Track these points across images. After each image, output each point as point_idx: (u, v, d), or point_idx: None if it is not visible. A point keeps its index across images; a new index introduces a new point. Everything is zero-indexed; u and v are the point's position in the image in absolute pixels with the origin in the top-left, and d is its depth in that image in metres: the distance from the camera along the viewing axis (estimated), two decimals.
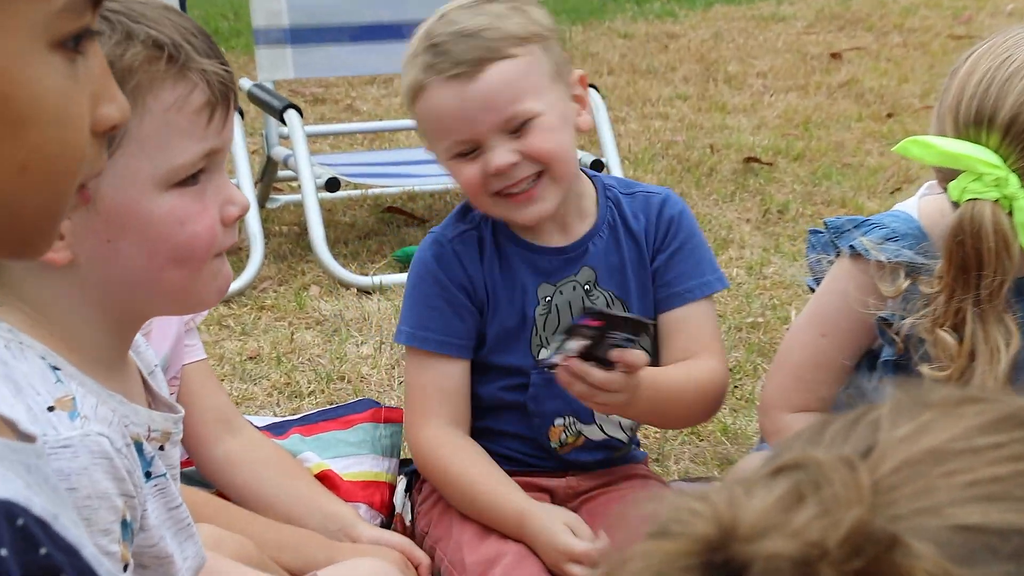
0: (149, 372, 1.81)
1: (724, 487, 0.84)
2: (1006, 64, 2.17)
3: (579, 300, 2.57)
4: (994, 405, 0.87)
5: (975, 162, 2.16)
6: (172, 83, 1.69)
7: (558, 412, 2.61)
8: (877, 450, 0.84)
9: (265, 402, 3.56)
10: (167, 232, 1.68)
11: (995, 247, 2.17)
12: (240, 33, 8.35)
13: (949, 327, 2.24)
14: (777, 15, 8.84)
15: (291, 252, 4.66)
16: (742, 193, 5.19)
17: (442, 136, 2.48)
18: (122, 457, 1.61)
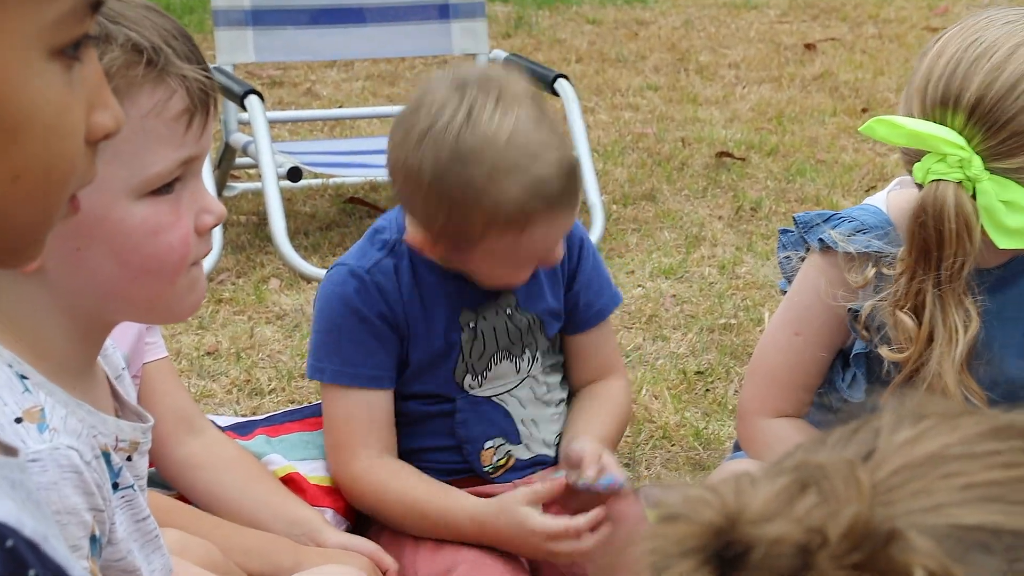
0: (116, 376, 1.77)
1: (731, 479, 0.90)
2: (974, 46, 2.18)
3: (503, 324, 2.56)
4: (991, 417, 0.93)
5: (939, 142, 2.17)
6: (151, 88, 1.64)
7: (487, 435, 2.59)
8: (878, 454, 0.90)
9: (224, 400, 3.47)
10: (139, 242, 1.64)
11: (956, 228, 2.18)
12: (193, 9, 8.21)
13: (909, 309, 2.25)
14: (750, 3, 8.77)
15: (249, 243, 4.55)
16: (714, 189, 5.10)
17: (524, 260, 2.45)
18: (91, 470, 1.58)
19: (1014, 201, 2.20)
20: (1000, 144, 2.18)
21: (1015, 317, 2.41)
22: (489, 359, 2.55)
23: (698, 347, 3.76)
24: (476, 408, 2.56)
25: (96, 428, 1.63)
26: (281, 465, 2.66)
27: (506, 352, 2.56)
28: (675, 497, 0.90)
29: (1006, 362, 2.42)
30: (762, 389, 2.50)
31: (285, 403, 3.42)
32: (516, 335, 2.56)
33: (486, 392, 2.57)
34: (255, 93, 4.48)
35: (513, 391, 2.59)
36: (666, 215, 4.81)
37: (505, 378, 2.57)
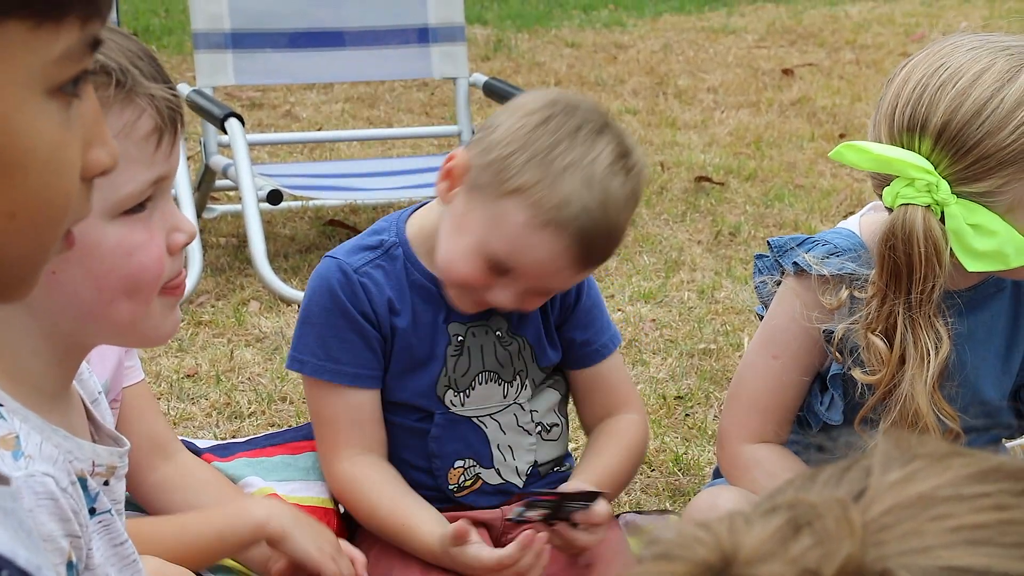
0: (92, 400, 1.76)
1: (725, 518, 0.89)
2: (939, 72, 2.21)
3: (491, 344, 2.54)
4: (979, 459, 0.92)
5: (907, 167, 2.20)
6: (119, 109, 1.64)
7: (458, 454, 2.57)
8: (868, 493, 0.89)
9: (204, 423, 3.46)
10: (115, 263, 1.63)
11: (925, 252, 2.21)
12: (172, 31, 8.22)
13: (881, 332, 2.27)
14: (728, 27, 8.81)
15: (229, 265, 4.54)
16: (693, 213, 5.11)
17: (509, 254, 2.38)
18: (67, 497, 1.57)
19: (982, 224, 2.22)
20: (967, 169, 2.20)
21: (986, 339, 2.44)
22: (473, 378, 2.54)
23: (678, 372, 3.76)
24: (453, 426, 2.54)
25: (72, 453, 1.62)
26: (259, 487, 2.66)
27: (493, 374, 2.55)
28: (668, 534, 0.90)
29: (980, 384, 2.44)
30: (741, 414, 2.50)
31: (265, 426, 3.41)
32: (505, 358, 2.55)
33: (467, 411, 2.56)
34: (235, 116, 4.47)
35: (495, 415, 2.57)
36: (645, 239, 4.82)
37: (490, 400, 2.56)
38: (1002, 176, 2.20)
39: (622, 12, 9.51)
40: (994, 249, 2.23)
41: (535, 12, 9.39)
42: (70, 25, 0.98)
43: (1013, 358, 2.47)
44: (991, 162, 2.19)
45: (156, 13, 8.88)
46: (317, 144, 5.92)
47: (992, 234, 2.23)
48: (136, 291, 1.65)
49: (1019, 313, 2.46)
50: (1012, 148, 2.18)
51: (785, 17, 9.24)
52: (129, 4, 8.73)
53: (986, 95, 2.19)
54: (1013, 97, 2.18)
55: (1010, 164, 2.19)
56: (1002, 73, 2.20)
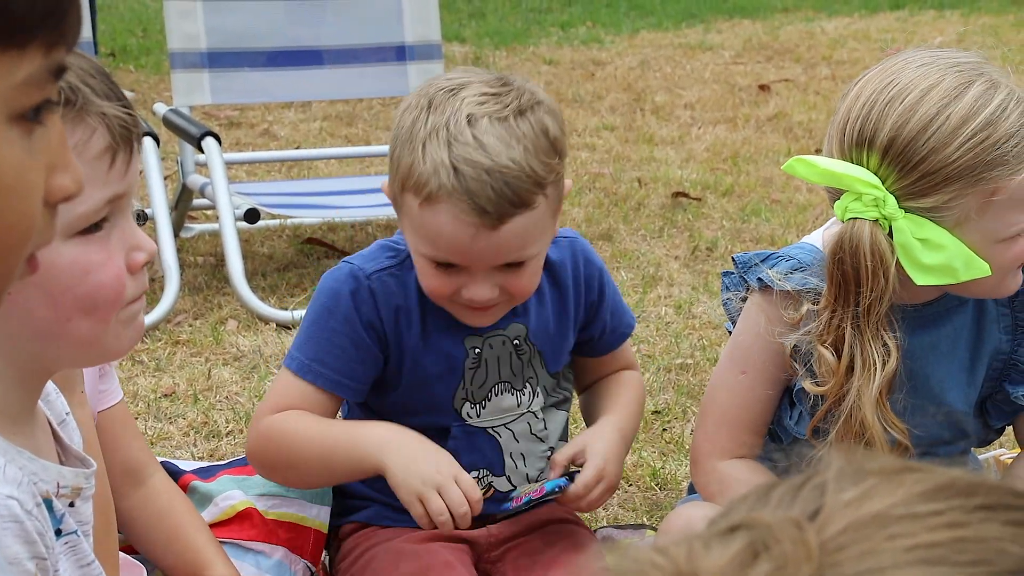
0: (60, 422, 1.75)
1: (683, 542, 0.89)
2: (889, 88, 2.25)
3: (508, 354, 2.53)
4: (931, 474, 0.92)
5: (854, 182, 2.23)
6: (70, 128, 1.63)
7: (474, 465, 2.55)
8: (824, 513, 0.89)
9: (181, 442, 3.45)
10: (70, 283, 1.62)
11: (872, 265, 2.24)
12: (150, 51, 8.21)
13: (830, 343, 2.30)
14: (704, 44, 8.84)
15: (207, 284, 4.54)
16: (670, 229, 5.12)
17: (428, 247, 2.35)
18: (32, 519, 1.56)
19: (930, 239, 2.25)
20: (913, 184, 2.23)
21: (949, 352, 2.46)
22: (490, 389, 2.53)
23: (655, 387, 3.77)
24: (470, 438, 2.53)
25: (37, 475, 1.61)
26: (240, 500, 2.66)
27: (507, 384, 2.54)
28: (626, 560, 0.89)
29: (947, 396, 2.47)
30: (713, 430, 2.51)
31: (243, 445, 3.40)
32: (519, 367, 2.54)
33: (483, 423, 2.55)
34: (212, 135, 4.48)
35: (509, 424, 2.57)
36: (623, 255, 4.83)
37: (505, 411, 2.55)
38: (948, 192, 2.23)
39: (600, 29, 9.53)
40: (942, 263, 2.26)
41: (513, 29, 9.41)
42: (33, 52, 0.98)
43: (978, 370, 2.49)
44: (937, 178, 2.22)
45: (133, 33, 8.87)
46: (295, 163, 5.91)
47: (940, 248, 2.25)
48: (93, 310, 1.64)
49: (982, 325, 2.48)
50: (958, 164, 2.21)
51: (761, 33, 9.27)
52: (106, 24, 8.72)
53: (933, 111, 2.22)
54: (959, 114, 2.22)
55: (956, 180, 2.22)
56: (949, 90, 2.23)
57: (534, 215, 2.32)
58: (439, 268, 2.36)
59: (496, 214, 2.27)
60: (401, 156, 2.32)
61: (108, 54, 8.17)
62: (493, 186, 2.26)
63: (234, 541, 2.61)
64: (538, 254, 2.39)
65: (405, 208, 2.35)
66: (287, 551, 2.62)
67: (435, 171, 2.26)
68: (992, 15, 9.84)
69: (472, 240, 2.30)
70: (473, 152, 2.26)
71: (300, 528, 2.66)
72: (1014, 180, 2.23)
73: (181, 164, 4.93)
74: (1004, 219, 2.26)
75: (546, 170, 2.31)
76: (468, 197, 2.26)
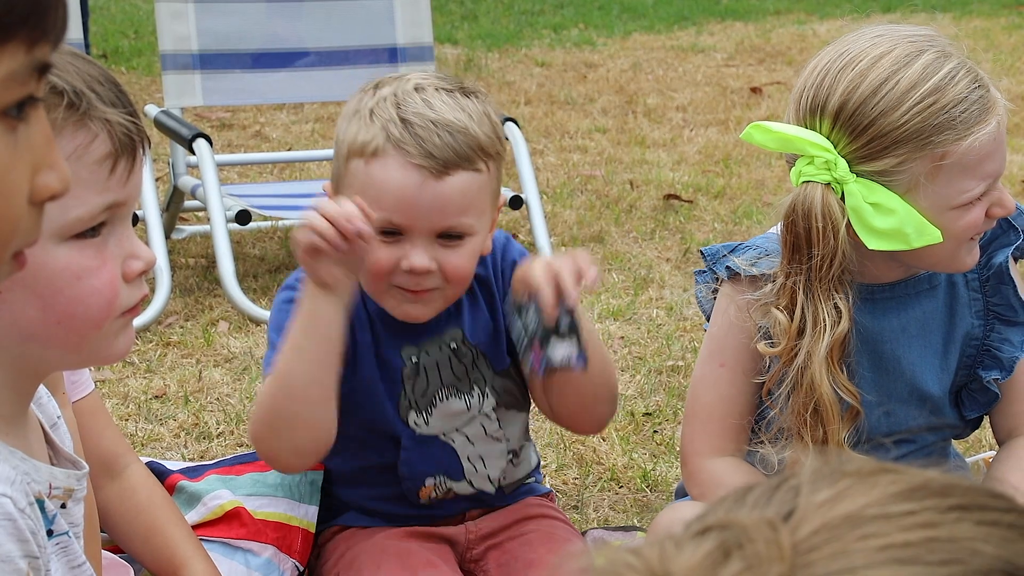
0: (51, 424, 1.74)
1: (656, 543, 0.89)
2: (842, 57, 2.31)
3: (447, 360, 2.53)
4: (906, 475, 0.93)
5: (806, 145, 2.29)
6: (72, 132, 1.63)
7: (428, 472, 2.57)
8: (797, 513, 0.90)
9: (172, 444, 3.44)
10: (62, 287, 1.61)
11: (822, 227, 2.28)
12: (142, 52, 8.21)
13: (784, 307, 2.35)
14: (697, 46, 8.84)
15: (198, 286, 4.54)
16: (662, 231, 5.13)
17: (373, 207, 2.34)
18: (25, 517, 1.56)
19: (881, 203, 2.30)
20: (863, 147, 2.29)
21: (920, 335, 2.49)
22: (433, 395, 2.54)
23: (646, 389, 3.77)
24: (421, 446, 2.55)
25: (30, 475, 1.61)
26: (228, 499, 2.67)
27: (452, 388, 2.54)
28: (600, 561, 0.89)
29: (920, 379, 2.49)
30: (699, 428, 2.53)
31: (233, 447, 3.40)
32: (461, 371, 2.55)
33: (433, 430, 2.55)
34: (203, 136, 4.47)
35: (462, 428, 2.57)
36: (614, 257, 4.83)
37: (454, 416, 2.55)
38: (897, 155, 2.28)
39: (592, 31, 9.54)
40: (894, 228, 2.30)
41: (505, 32, 9.41)
42: (15, 48, 0.97)
43: (950, 354, 2.51)
44: (886, 141, 2.27)
45: (125, 35, 8.87)
46: (287, 164, 5.92)
47: (891, 213, 2.30)
48: (85, 315, 1.63)
49: (954, 310, 2.51)
50: (906, 127, 2.26)
51: (753, 36, 9.28)
52: (98, 26, 8.72)
53: (883, 76, 2.28)
54: (909, 79, 2.27)
55: (904, 143, 2.27)
56: (900, 57, 2.29)
57: (477, 179, 2.38)
58: (381, 238, 2.36)
59: (442, 160, 2.34)
60: (347, 130, 2.40)
61: (100, 55, 8.17)
62: (440, 135, 2.34)
63: (223, 540, 2.62)
64: (476, 233, 2.41)
65: (349, 179, 2.39)
66: (276, 550, 2.63)
67: (383, 127, 2.35)
68: (984, 18, 9.86)
69: (418, 190, 2.34)
70: (422, 107, 2.36)
71: (288, 527, 2.66)
72: (961, 145, 2.27)
73: (172, 166, 4.92)
74: (955, 186, 2.29)
75: (489, 143, 2.39)
76: (416, 142, 2.33)
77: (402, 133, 2.34)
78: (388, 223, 2.36)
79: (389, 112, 2.35)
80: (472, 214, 2.39)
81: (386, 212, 2.35)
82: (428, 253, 2.38)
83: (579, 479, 3.28)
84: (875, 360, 2.46)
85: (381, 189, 2.34)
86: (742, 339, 2.44)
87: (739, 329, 2.44)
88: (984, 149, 2.28)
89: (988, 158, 2.30)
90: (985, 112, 2.29)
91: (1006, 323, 2.51)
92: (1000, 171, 2.34)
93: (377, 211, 2.32)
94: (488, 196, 2.42)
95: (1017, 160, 6.12)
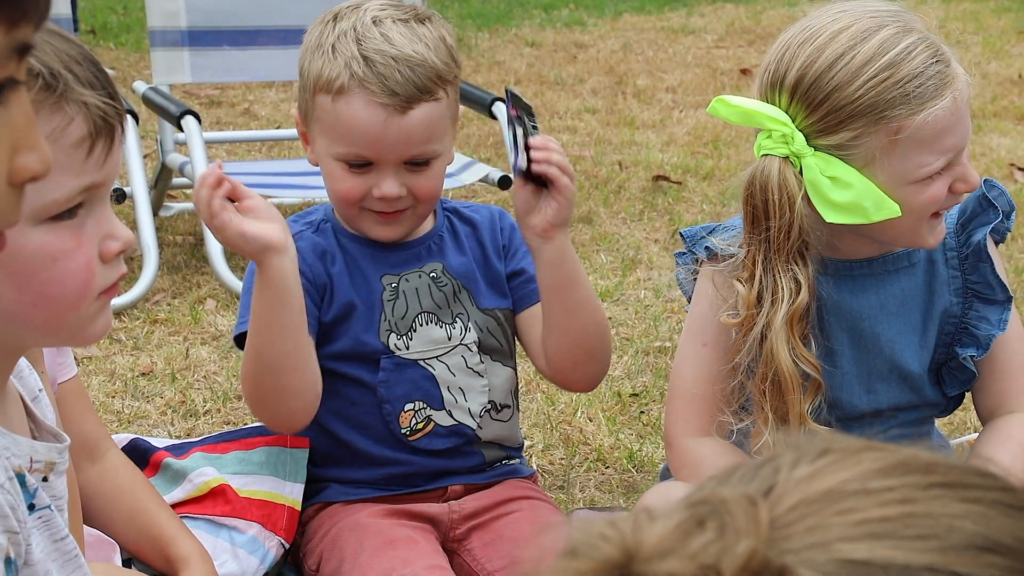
0: (33, 398, 1.73)
1: (631, 515, 0.90)
2: (803, 33, 2.34)
3: (426, 287, 2.62)
4: (890, 453, 0.93)
5: (764, 118, 2.33)
6: (47, 114, 1.60)
7: (408, 397, 2.61)
8: (777, 489, 0.90)
9: (158, 421, 3.44)
10: (37, 269, 1.60)
11: (778, 199, 2.31)
12: (130, 28, 8.19)
13: (746, 279, 2.37)
14: (687, 27, 8.84)
15: (186, 263, 4.53)
16: (650, 212, 5.13)
17: (342, 142, 2.51)
18: (5, 492, 1.55)
19: (839, 177, 2.32)
20: (820, 121, 2.31)
21: (899, 312, 2.50)
22: (413, 319, 2.59)
23: (633, 369, 3.77)
24: (400, 370, 2.59)
25: (9, 449, 1.60)
26: (213, 476, 2.67)
27: (432, 315, 2.60)
28: (576, 533, 0.90)
29: (900, 357, 2.51)
30: (683, 408, 2.53)
31: (220, 425, 3.40)
32: (441, 299, 2.61)
33: (413, 355, 2.60)
34: (192, 114, 4.46)
35: (442, 357, 2.61)
36: (603, 238, 4.84)
37: (435, 343, 2.61)
38: (853, 129, 2.30)
39: (582, 12, 9.52)
40: (851, 202, 2.32)
41: (495, 11, 9.40)
42: None
43: (929, 330, 2.53)
44: (842, 114, 2.30)
45: (114, 10, 8.84)
46: (275, 142, 5.90)
47: (848, 186, 2.32)
48: (61, 296, 1.61)
49: (932, 288, 2.53)
50: (860, 101, 2.29)
51: (744, 17, 9.28)
52: (87, 1, 8.70)
53: (840, 51, 2.30)
54: (866, 53, 2.30)
55: (859, 117, 2.29)
56: (859, 32, 2.32)
57: (438, 107, 2.51)
58: (351, 169, 2.51)
59: (405, 96, 2.46)
60: (311, 64, 2.52)
61: (88, 31, 8.14)
62: (400, 71, 2.46)
63: (208, 517, 2.62)
64: (441, 155, 2.54)
65: (317, 113, 2.52)
66: (261, 527, 2.63)
67: (346, 64, 2.46)
68: (973, 1, 9.86)
69: (384, 127, 2.47)
70: (381, 44, 2.47)
71: (274, 505, 2.66)
72: (915, 119, 2.28)
73: (160, 143, 4.91)
74: (912, 160, 2.31)
75: (446, 69, 2.52)
76: (379, 81, 2.45)
77: (365, 72, 2.45)
78: (357, 156, 2.50)
79: (351, 49, 2.47)
80: (436, 140, 2.52)
81: (354, 147, 2.50)
82: (397, 180, 2.51)
83: (565, 459, 3.28)
84: (854, 337, 2.48)
85: (349, 126, 2.48)
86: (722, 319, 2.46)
87: (719, 309, 2.45)
88: (940, 124, 2.29)
89: (946, 133, 2.31)
90: (942, 87, 2.30)
91: (984, 301, 2.53)
92: (960, 146, 2.34)
93: (346, 146, 2.49)
94: (449, 118, 2.55)
95: (1005, 143, 6.11)
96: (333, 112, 2.48)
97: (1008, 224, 2.54)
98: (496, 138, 5.07)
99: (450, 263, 2.63)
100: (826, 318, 2.46)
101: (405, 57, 2.46)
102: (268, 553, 2.61)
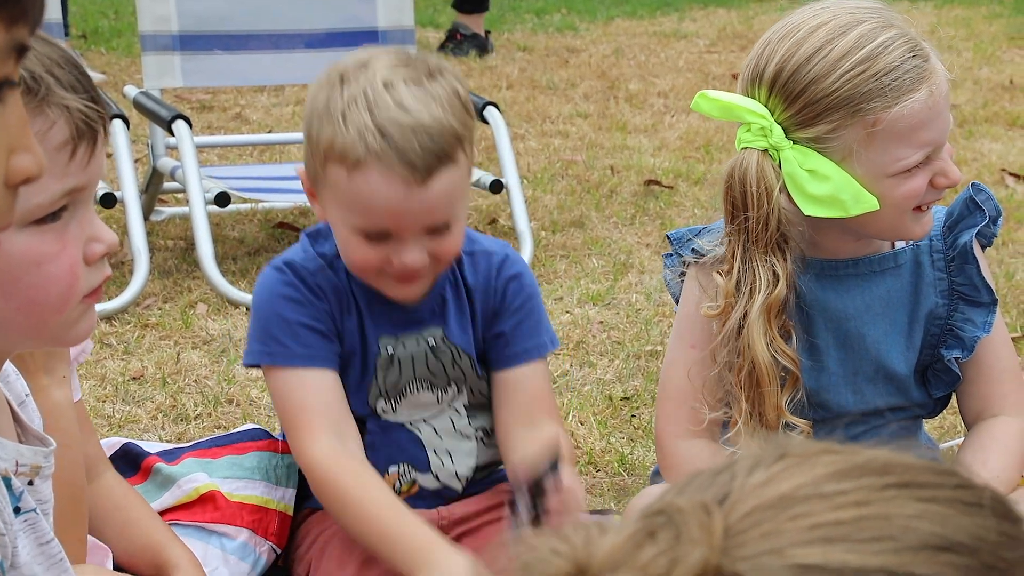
0: (19, 403, 1.73)
1: (582, 527, 0.90)
2: (783, 28, 2.37)
3: (422, 355, 2.53)
4: (847, 455, 0.93)
5: (743, 112, 2.36)
6: (29, 117, 1.57)
7: (392, 459, 2.56)
8: (732, 496, 0.90)
9: (149, 425, 3.44)
10: (20, 273, 1.59)
11: (756, 191, 2.34)
12: (121, 33, 8.18)
13: (726, 270, 2.40)
14: (679, 32, 8.85)
15: (177, 268, 4.53)
16: (642, 217, 5.13)
17: (361, 216, 2.37)
18: None
19: (817, 170, 2.34)
20: (797, 114, 2.33)
21: (884, 313, 2.51)
22: (404, 387, 2.53)
23: (624, 373, 3.77)
24: (385, 433, 2.54)
25: None
26: (203, 483, 2.66)
27: (426, 382, 2.54)
28: (527, 550, 0.90)
29: (886, 358, 2.52)
30: (672, 410, 2.55)
31: (211, 429, 3.40)
32: (438, 367, 2.54)
33: (400, 418, 2.55)
34: (182, 118, 4.46)
35: (429, 419, 2.57)
36: (594, 242, 4.84)
37: (424, 407, 2.55)
38: (830, 122, 2.32)
39: (574, 16, 9.53)
40: (830, 195, 2.34)
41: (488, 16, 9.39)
42: None
43: (915, 331, 2.54)
44: (819, 107, 2.32)
45: (105, 15, 8.83)
46: (267, 147, 5.91)
47: (826, 180, 2.34)
48: (45, 300, 1.60)
49: (919, 289, 2.54)
50: (836, 94, 2.31)
51: (736, 22, 9.29)
52: (77, 6, 8.68)
53: (818, 45, 2.33)
54: (843, 47, 2.32)
55: (836, 110, 2.31)
56: (837, 27, 2.34)
57: (458, 170, 2.37)
58: (369, 240, 2.38)
59: (424, 168, 2.32)
60: (320, 131, 2.36)
61: (79, 36, 8.13)
62: (419, 141, 2.31)
63: (198, 524, 2.61)
64: (460, 216, 2.43)
65: (330, 183, 2.37)
66: (251, 533, 2.62)
67: (360, 136, 2.31)
68: (965, 7, 9.87)
69: (405, 199, 2.33)
70: (396, 112, 2.31)
71: (265, 510, 2.66)
72: (891, 112, 2.30)
73: (152, 147, 4.91)
74: (890, 153, 2.33)
75: (463, 126, 2.38)
76: (397, 155, 2.30)
77: (382, 145, 2.30)
78: (377, 229, 2.37)
79: (363, 118, 2.31)
80: (457, 203, 2.41)
81: (375, 220, 2.36)
82: (419, 247, 2.39)
83: None
84: (840, 338, 2.49)
85: (368, 200, 2.34)
86: (709, 320, 2.46)
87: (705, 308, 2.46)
88: (916, 117, 2.31)
89: (923, 127, 2.32)
90: (918, 80, 2.32)
91: (969, 303, 2.54)
92: (939, 141, 2.36)
93: (365, 219, 2.36)
94: (467, 178, 2.44)
95: (996, 149, 6.12)
96: (349, 185, 2.34)
97: (995, 229, 2.55)
98: (488, 142, 5.07)
99: (451, 330, 2.54)
100: (811, 317, 2.47)
101: (422, 126, 2.31)
102: (260, 558, 2.61)
